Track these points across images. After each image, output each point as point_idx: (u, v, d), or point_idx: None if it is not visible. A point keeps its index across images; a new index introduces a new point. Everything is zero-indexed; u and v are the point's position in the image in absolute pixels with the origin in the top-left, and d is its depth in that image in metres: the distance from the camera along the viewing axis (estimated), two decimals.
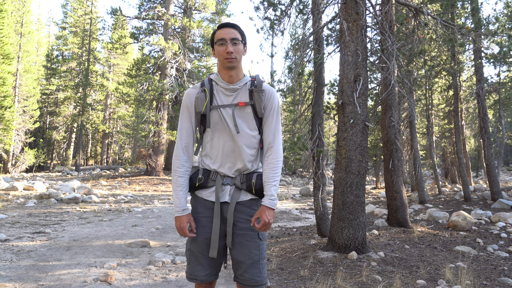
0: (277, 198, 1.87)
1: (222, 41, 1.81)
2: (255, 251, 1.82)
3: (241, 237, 1.83)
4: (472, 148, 22.74)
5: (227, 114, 1.85)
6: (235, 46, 1.81)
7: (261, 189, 1.87)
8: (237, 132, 1.83)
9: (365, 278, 3.74)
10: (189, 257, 1.88)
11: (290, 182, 20.89)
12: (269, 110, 1.91)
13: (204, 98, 1.86)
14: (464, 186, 10.80)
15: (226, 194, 1.85)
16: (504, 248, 5.27)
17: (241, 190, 1.87)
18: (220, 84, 1.88)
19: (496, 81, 13.09)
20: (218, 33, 1.84)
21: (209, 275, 1.85)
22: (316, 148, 5.74)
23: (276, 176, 1.86)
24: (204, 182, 1.87)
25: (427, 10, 5.74)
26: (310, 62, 6.33)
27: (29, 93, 24.68)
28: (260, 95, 1.87)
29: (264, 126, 1.92)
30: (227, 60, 1.80)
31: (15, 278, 3.71)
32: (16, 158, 23.57)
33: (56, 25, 33.03)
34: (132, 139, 22.62)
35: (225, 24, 1.86)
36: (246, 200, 1.87)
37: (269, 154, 1.90)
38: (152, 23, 19.35)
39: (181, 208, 1.85)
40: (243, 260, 1.81)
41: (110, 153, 35.21)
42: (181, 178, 1.88)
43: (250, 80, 1.91)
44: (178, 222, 1.84)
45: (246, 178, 1.87)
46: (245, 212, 1.85)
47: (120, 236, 5.99)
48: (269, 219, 1.80)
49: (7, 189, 11.60)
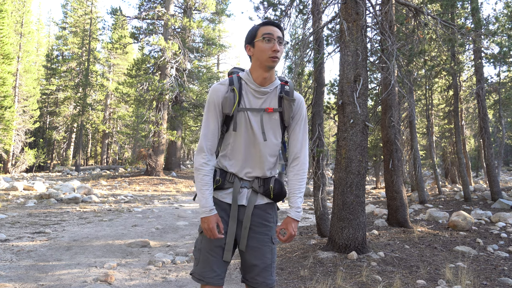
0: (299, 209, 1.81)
1: (270, 36, 1.68)
2: (268, 255, 1.80)
3: (255, 241, 1.79)
4: (472, 148, 22.73)
5: (255, 119, 1.76)
6: (280, 45, 1.71)
7: (279, 194, 1.83)
8: (264, 140, 1.76)
9: (365, 278, 3.74)
10: (199, 257, 1.81)
11: None
12: (298, 119, 1.84)
13: (233, 99, 1.74)
14: (464, 186, 10.79)
15: (243, 197, 1.80)
16: (504, 248, 5.27)
17: (258, 193, 1.82)
18: (250, 85, 1.78)
19: (496, 81, 13.09)
20: (264, 28, 1.72)
21: (217, 278, 1.78)
22: (316, 148, 5.74)
23: (302, 187, 1.83)
24: (221, 184, 1.80)
25: (427, 10, 5.74)
26: (310, 62, 6.33)
27: (29, 93, 24.68)
28: (291, 104, 1.78)
29: (291, 136, 1.86)
30: (271, 59, 1.68)
31: (15, 278, 3.70)
32: (16, 158, 23.57)
33: (56, 25, 33.04)
34: (132, 139, 22.61)
35: (272, 22, 1.74)
36: (262, 204, 1.83)
37: (296, 164, 1.85)
38: (152, 23, 19.35)
39: (208, 208, 1.75)
40: (257, 264, 1.78)
41: (110, 153, 35.21)
42: (207, 176, 1.77)
43: (280, 84, 1.82)
44: (206, 223, 1.73)
45: (264, 182, 1.83)
46: (260, 216, 1.82)
47: (120, 236, 5.99)
48: (295, 232, 1.79)
49: (7, 189, 11.60)
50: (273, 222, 1.87)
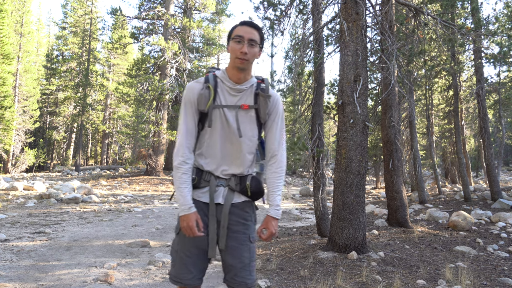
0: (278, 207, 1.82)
1: (239, 39, 1.70)
2: (246, 254, 1.78)
3: (232, 240, 1.77)
4: (472, 148, 22.73)
5: (231, 115, 1.77)
6: (251, 47, 1.72)
7: (256, 192, 1.82)
8: (239, 136, 1.76)
9: (365, 278, 3.74)
10: (175, 259, 1.80)
11: (290, 182, 20.89)
12: (274, 116, 1.84)
13: (208, 96, 1.76)
14: (464, 186, 10.80)
15: (219, 196, 1.78)
16: (504, 248, 5.27)
17: (235, 192, 1.81)
18: (225, 83, 1.79)
19: (496, 81, 13.09)
20: (237, 29, 1.74)
21: (194, 279, 1.77)
22: (316, 148, 5.74)
23: (280, 185, 1.83)
24: (197, 183, 1.79)
25: (427, 10, 5.74)
26: (310, 62, 6.33)
27: (29, 93, 24.68)
28: (266, 101, 1.79)
29: (268, 133, 1.86)
30: (239, 60, 1.71)
31: (15, 278, 3.70)
32: (16, 158, 23.57)
33: (56, 25, 33.06)
34: (132, 139, 22.63)
35: (248, 22, 1.75)
36: (239, 202, 1.81)
37: (273, 162, 1.85)
38: (152, 23, 19.35)
39: (187, 206, 1.74)
40: (234, 264, 1.76)
41: (110, 153, 35.22)
42: (185, 175, 1.77)
43: (256, 82, 1.83)
44: (185, 221, 1.72)
45: (240, 180, 1.81)
46: (238, 214, 1.80)
47: (120, 236, 5.99)
48: (276, 230, 1.79)
49: (7, 189, 11.60)
50: (251, 220, 1.85)
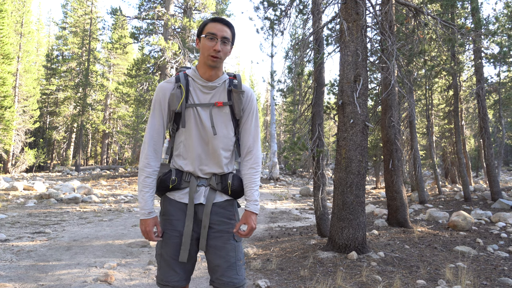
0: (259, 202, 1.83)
1: (212, 36, 1.68)
2: (231, 253, 1.76)
3: (216, 240, 1.75)
4: (472, 148, 22.73)
5: (204, 114, 1.74)
6: (223, 45, 1.71)
7: (237, 190, 1.81)
8: (214, 134, 1.74)
9: (365, 278, 3.74)
10: (160, 262, 1.78)
11: (290, 182, 20.89)
12: (248, 112, 1.83)
13: (180, 95, 1.73)
14: (464, 186, 10.79)
15: (201, 196, 1.76)
16: (504, 248, 5.27)
17: (216, 191, 1.79)
18: (197, 81, 1.77)
19: (496, 81, 13.10)
20: (210, 26, 1.70)
21: (181, 280, 1.76)
22: (316, 148, 5.74)
23: (257, 180, 1.83)
24: (177, 184, 1.76)
25: (427, 10, 5.74)
26: (310, 62, 6.33)
27: (29, 93, 24.68)
28: (240, 96, 1.78)
29: (243, 129, 1.85)
30: (211, 58, 1.69)
31: (15, 278, 3.70)
32: (16, 158, 23.57)
33: (56, 25, 33.03)
34: (132, 139, 22.66)
35: (220, 19, 1.72)
36: (221, 201, 1.80)
37: (249, 158, 1.84)
38: (152, 23, 19.35)
39: (147, 210, 1.75)
40: (219, 264, 1.74)
41: (110, 153, 35.22)
42: (149, 178, 1.76)
43: (228, 79, 1.82)
44: (143, 225, 1.75)
45: (221, 179, 1.80)
46: (220, 213, 1.78)
47: (120, 236, 5.99)
48: (255, 225, 1.79)
49: (7, 189, 11.60)
50: (235, 219, 1.83)
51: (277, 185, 18.98)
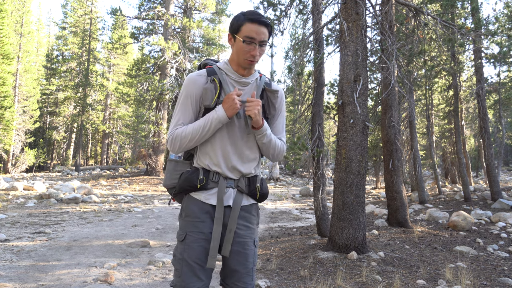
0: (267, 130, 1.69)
1: (251, 40, 1.58)
2: (250, 259, 1.69)
3: (238, 245, 1.67)
4: (472, 148, 22.73)
5: None
6: (261, 48, 1.62)
7: (265, 194, 1.76)
8: (247, 133, 1.67)
9: (365, 278, 3.74)
10: (182, 268, 1.62)
11: (290, 182, 20.89)
12: (279, 111, 1.80)
13: (214, 90, 1.64)
14: (464, 186, 10.79)
15: (229, 198, 1.66)
16: (504, 248, 5.27)
17: (243, 194, 1.70)
18: (230, 75, 1.68)
19: (496, 81, 13.10)
20: (248, 28, 1.58)
21: (204, 287, 1.65)
22: (316, 148, 5.74)
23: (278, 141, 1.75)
24: (205, 184, 1.65)
25: (427, 10, 5.74)
26: (310, 62, 6.34)
27: (29, 93, 24.68)
28: (275, 96, 1.74)
29: (273, 128, 1.80)
30: (248, 61, 1.62)
31: (15, 278, 3.71)
32: (16, 158, 23.57)
33: (56, 25, 33.06)
34: (132, 139, 22.64)
35: (258, 19, 1.58)
36: (247, 205, 1.72)
37: None
38: (152, 23, 19.36)
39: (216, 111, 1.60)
40: (238, 269, 1.67)
41: (110, 153, 35.22)
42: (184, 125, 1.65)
43: (259, 76, 1.76)
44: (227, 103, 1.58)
45: (249, 181, 1.72)
46: (245, 218, 1.70)
47: (120, 236, 5.99)
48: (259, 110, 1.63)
49: (7, 189, 11.60)
50: (256, 224, 1.77)
51: (277, 185, 18.98)
